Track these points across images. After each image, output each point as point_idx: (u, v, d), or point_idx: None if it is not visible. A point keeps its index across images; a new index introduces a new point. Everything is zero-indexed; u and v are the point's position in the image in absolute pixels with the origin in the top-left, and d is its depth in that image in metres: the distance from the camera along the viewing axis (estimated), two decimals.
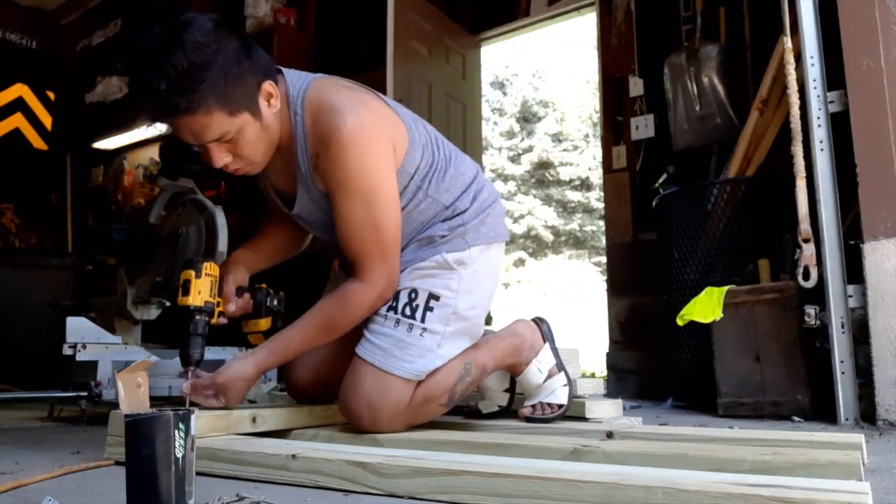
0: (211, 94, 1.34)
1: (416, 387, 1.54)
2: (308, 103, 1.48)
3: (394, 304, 1.55)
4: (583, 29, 4.71)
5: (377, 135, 1.47)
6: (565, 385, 1.78)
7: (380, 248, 1.49)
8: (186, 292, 1.50)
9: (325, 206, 1.54)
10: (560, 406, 1.76)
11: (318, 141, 1.46)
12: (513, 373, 1.79)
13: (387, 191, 1.48)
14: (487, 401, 1.88)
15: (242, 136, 1.43)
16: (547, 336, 1.80)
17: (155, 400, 2.17)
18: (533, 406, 1.77)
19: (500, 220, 1.72)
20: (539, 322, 1.83)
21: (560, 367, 1.79)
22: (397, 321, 1.54)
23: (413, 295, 1.56)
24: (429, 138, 1.64)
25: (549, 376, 1.77)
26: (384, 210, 1.48)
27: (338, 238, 1.52)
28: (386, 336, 1.53)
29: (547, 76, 17.16)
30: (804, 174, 2.38)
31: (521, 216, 16.64)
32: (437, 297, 1.56)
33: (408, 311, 1.54)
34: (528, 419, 1.74)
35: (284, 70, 1.55)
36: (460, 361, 1.60)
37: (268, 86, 1.45)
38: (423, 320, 1.54)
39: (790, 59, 2.47)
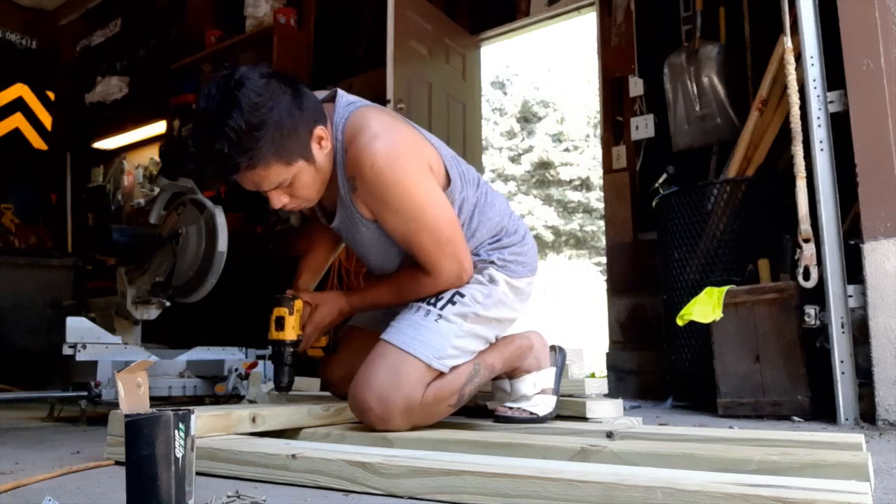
0: (268, 149, 1.43)
1: (427, 385, 1.56)
2: (347, 129, 1.57)
3: (427, 297, 1.63)
4: (583, 29, 4.70)
5: (408, 151, 1.55)
6: (552, 409, 1.78)
7: (439, 247, 1.57)
8: (281, 328, 1.67)
9: (361, 226, 1.63)
10: (533, 415, 1.74)
11: (352, 164, 1.54)
12: (510, 375, 1.80)
13: (430, 197, 1.55)
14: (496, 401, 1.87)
15: (298, 180, 1.52)
16: (557, 363, 1.84)
17: (156, 400, 2.17)
18: (511, 408, 1.77)
19: (535, 254, 1.81)
20: (555, 349, 1.86)
21: (555, 392, 1.81)
22: (418, 308, 1.61)
23: (444, 293, 1.63)
24: (467, 178, 1.71)
25: (541, 393, 1.77)
26: (433, 216, 1.55)
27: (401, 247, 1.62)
28: (403, 319, 1.61)
29: (547, 76, 17.14)
30: (804, 174, 2.37)
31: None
32: (462, 295, 1.62)
33: (432, 300, 1.62)
34: (498, 417, 1.75)
35: (339, 93, 1.62)
36: (470, 362, 1.63)
37: (319, 130, 1.53)
38: (441, 308, 1.60)
39: (790, 59, 2.47)
